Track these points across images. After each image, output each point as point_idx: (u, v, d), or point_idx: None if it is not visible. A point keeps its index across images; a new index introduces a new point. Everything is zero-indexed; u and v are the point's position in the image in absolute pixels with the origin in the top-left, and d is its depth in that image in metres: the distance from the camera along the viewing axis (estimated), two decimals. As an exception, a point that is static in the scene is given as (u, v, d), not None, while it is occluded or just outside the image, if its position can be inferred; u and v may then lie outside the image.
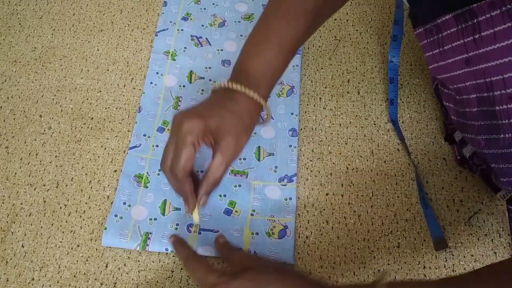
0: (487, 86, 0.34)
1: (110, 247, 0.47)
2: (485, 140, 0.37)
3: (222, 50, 0.61)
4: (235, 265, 0.42)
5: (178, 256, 0.43)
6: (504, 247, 0.47)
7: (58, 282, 0.45)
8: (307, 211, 0.49)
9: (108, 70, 0.60)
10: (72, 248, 0.47)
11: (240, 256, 0.42)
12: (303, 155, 0.53)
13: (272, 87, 0.44)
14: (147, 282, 0.46)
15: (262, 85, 0.42)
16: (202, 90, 0.57)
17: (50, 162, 0.53)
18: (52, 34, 0.63)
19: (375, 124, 0.55)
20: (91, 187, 0.51)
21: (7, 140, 0.54)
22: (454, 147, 0.52)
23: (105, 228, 0.47)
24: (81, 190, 0.51)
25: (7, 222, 0.49)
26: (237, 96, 0.41)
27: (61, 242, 0.48)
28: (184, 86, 0.58)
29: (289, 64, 0.45)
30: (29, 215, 0.49)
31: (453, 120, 0.42)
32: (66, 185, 0.51)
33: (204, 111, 0.40)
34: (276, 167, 0.52)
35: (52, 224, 0.49)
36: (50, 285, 0.45)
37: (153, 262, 0.47)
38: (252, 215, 0.49)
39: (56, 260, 0.47)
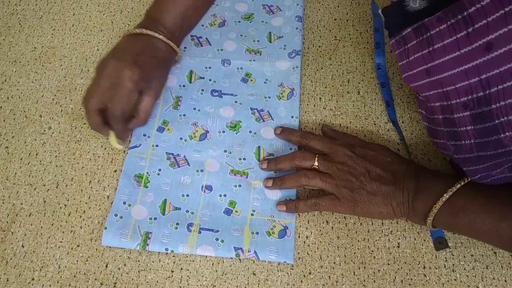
0: (445, 95, 0.36)
1: (110, 247, 0.47)
2: (453, 145, 0.39)
3: (222, 50, 0.61)
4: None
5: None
6: (504, 247, 0.47)
7: (58, 282, 0.45)
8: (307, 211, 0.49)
9: (108, 70, 0.60)
10: (72, 248, 0.47)
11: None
12: (303, 155, 0.53)
13: (184, 36, 0.55)
14: (147, 282, 0.46)
15: (177, 35, 0.52)
16: (202, 90, 0.57)
17: (50, 162, 0.53)
18: (52, 34, 0.63)
19: (375, 124, 0.55)
20: (91, 187, 0.51)
21: (7, 140, 0.54)
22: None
23: (105, 228, 0.47)
24: (81, 190, 0.51)
25: (7, 222, 0.49)
26: (157, 43, 0.50)
27: (61, 242, 0.48)
28: (184, 85, 0.58)
29: (201, 16, 0.55)
30: (29, 215, 0.49)
31: (426, 127, 0.43)
32: (66, 185, 0.51)
33: (139, 59, 0.48)
34: (276, 167, 0.52)
35: (52, 224, 0.49)
36: (50, 285, 0.45)
37: (153, 262, 0.47)
38: (252, 215, 0.49)
39: (56, 260, 0.47)
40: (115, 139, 0.50)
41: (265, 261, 0.46)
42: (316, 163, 0.47)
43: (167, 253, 0.47)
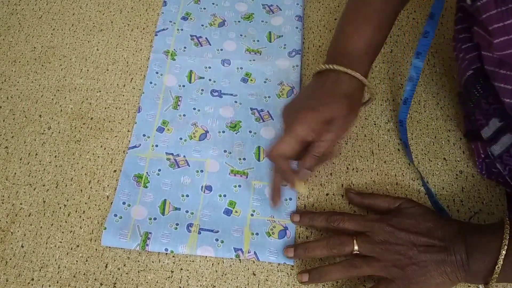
0: None
1: (109, 247, 0.47)
2: None
3: (222, 50, 0.61)
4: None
5: (317, 224, 0.47)
6: (505, 247, 0.47)
7: (57, 282, 0.45)
8: (307, 211, 0.49)
9: (107, 70, 0.60)
10: (71, 248, 0.47)
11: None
12: (303, 155, 0.53)
13: (371, 64, 0.47)
14: (147, 282, 0.45)
15: (363, 64, 0.45)
16: (202, 90, 0.57)
17: (50, 162, 0.53)
18: (51, 34, 0.63)
19: (375, 124, 0.55)
20: (90, 187, 0.51)
21: (6, 140, 0.54)
22: (477, 145, 0.50)
23: (105, 228, 0.47)
24: (81, 190, 0.51)
25: (6, 222, 0.49)
26: (342, 78, 0.44)
27: (60, 242, 0.48)
28: (183, 86, 0.58)
29: (386, 38, 0.47)
30: (29, 215, 0.49)
31: (506, 103, 0.40)
32: (66, 185, 0.51)
33: (316, 102, 0.43)
34: (276, 167, 0.52)
35: (52, 224, 0.49)
36: (49, 285, 0.45)
37: (153, 262, 0.46)
38: (252, 215, 0.49)
39: (55, 260, 0.47)
40: (302, 184, 0.45)
41: (265, 262, 0.46)
42: (356, 247, 0.43)
43: (167, 253, 0.47)
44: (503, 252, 0.39)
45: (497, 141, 0.46)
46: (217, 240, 0.47)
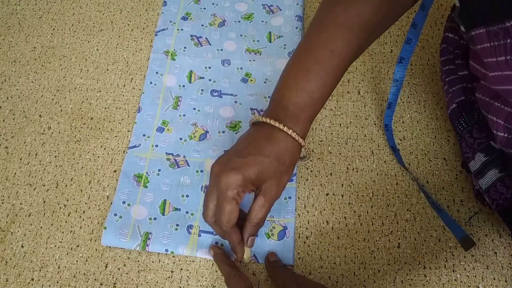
0: None
1: (109, 247, 0.47)
2: None
3: (222, 50, 0.61)
4: (278, 284, 0.43)
5: (220, 271, 0.45)
6: (505, 247, 0.47)
7: (57, 282, 0.45)
8: (307, 211, 0.49)
9: (107, 70, 0.60)
10: (71, 248, 0.47)
11: (283, 276, 0.43)
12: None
13: (312, 120, 0.42)
14: (147, 282, 0.45)
15: (301, 121, 0.41)
16: (202, 90, 0.57)
17: (50, 162, 0.53)
18: (51, 34, 0.63)
19: (375, 124, 0.55)
20: (90, 187, 0.51)
21: (6, 140, 0.54)
22: (471, 176, 0.49)
23: (105, 228, 0.47)
24: (81, 190, 0.51)
25: (6, 222, 0.49)
26: (276, 136, 0.40)
27: (60, 242, 0.48)
28: (183, 86, 0.58)
29: (331, 93, 0.42)
30: (29, 215, 0.49)
31: (499, 137, 0.39)
32: (66, 185, 0.51)
33: (242, 161, 0.39)
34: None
35: (52, 224, 0.49)
36: (49, 286, 0.45)
37: (153, 262, 0.46)
38: (252, 215, 0.49)
39: (55, 260, 0.47)
40: (247, 251, 0.44)
41: (265, 262, 0.46)
42: None
43: (167, 254, 0.47)
44: None
45: (484, 175, 0.45)
46: (217, 243, 0.47)
